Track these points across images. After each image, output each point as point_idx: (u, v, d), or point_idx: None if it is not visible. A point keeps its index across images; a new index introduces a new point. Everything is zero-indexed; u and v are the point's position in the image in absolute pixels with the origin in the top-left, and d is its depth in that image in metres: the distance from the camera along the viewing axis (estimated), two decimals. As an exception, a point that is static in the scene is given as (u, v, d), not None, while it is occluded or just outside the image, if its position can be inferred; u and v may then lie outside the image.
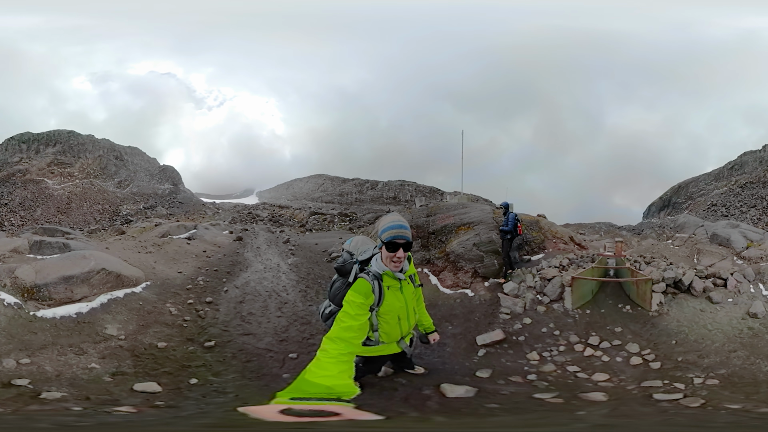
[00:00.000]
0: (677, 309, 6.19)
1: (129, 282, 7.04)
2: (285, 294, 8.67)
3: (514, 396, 4.01)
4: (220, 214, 44.81)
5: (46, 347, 4.82)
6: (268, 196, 69.19)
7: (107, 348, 5.11)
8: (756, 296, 6.24)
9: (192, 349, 5.44)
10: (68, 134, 56.75)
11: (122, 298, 6.58)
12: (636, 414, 3.42)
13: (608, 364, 5.10)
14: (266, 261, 12.79)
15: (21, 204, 45.94)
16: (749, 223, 31.03)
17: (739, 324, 5.66)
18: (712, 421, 3.17)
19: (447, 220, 11.28)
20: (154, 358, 4.98)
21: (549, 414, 3.43)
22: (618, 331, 5.93)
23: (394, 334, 3.23)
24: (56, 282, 6.17)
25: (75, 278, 6.34)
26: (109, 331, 5.50)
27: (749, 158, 45.68)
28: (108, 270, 6.73)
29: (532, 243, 10.22)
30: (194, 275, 9.44)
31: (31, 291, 5.94)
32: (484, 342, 5.80)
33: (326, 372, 2.39)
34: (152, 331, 5.81)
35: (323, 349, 2.55)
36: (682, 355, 5.11)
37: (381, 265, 3.05)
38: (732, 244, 11.74)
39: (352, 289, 2.93)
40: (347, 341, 2.61)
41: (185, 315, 6.70)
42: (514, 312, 6.70)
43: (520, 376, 4.70)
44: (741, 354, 4.95)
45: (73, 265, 6.67)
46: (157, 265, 9.43)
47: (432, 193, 54.76)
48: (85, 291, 6.30)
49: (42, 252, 9.23)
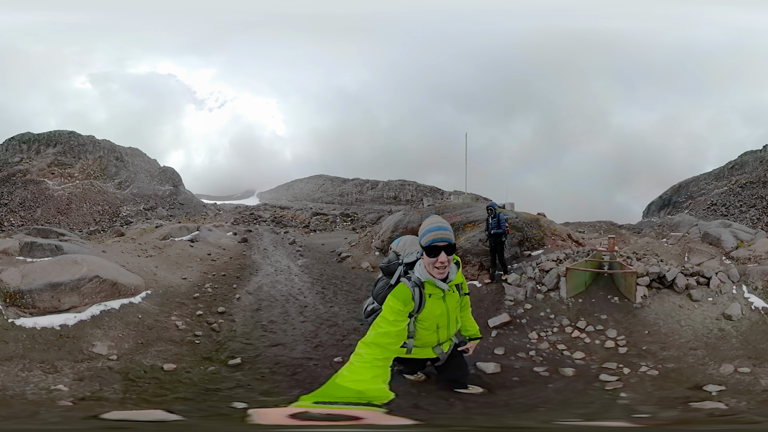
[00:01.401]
0: (658, 302, 6.49)
1: (126, 291, 6.20)
2: (303, 297, 8.23)
3: (523, 370, 4.76)
4: (221, 215, 44.20)
5: (12, 359, 4.19)
6: (268, 197, 68.77)
7: (90, 369, 4.26)
8: (736, 297, 6.29)
9: (213, 369, 4.56)
10: (69, 135, 56.24)
11: (117, 310, 5.73)
12: (564, 388, 4.15)
13: (588, 345, 5.68)
14: (276, 263, 12.28)
15: (21, 204, 45.36)
16: (749, 222, 30.85)
17: (711, 324, 5.78)
18: (587, 404, 3.65)
19: (454, 219, 12.14)
20: (159, 383, 4.10)
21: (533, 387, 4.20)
22: (603, 318, 6.37)
23: (429, 341, 3.11)
24: (42, 288, 5.46)
25: (63, 285, 5.58)
26: (97, 350, 4.65)
27: (750, 158, 45.60)
28: (102, 277, 5.91)
29: (532, 240, 10.80)
30: (201, 281, 8.71)
31: (14, 296, 5.29)
32: (495, 324, 6.60)
33: (359, 377, 2.34)
34: (154, 350, 4.95)
35: (357, 354, 2.50)
36: (648, 344, 5.44)
37: (424, 272, 2.87)
38: (722, 243, 12.00)
39: (392, 294, 2.81)
40: (383, 347, 2.54)
41: (195, 329, 5.87)
42: (517, 299, 7.47)
43: (524, 353, 5.48)
44: (699, 353, 5.07)
45: (63, 270, 5.91)
46: (158, 271, 8.64)
47: (433, 193, 54.26)
48: (75, 300, 5.53)
49: (32, 254, 8.58)
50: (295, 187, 68.66)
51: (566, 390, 4.14)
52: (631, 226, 30.89)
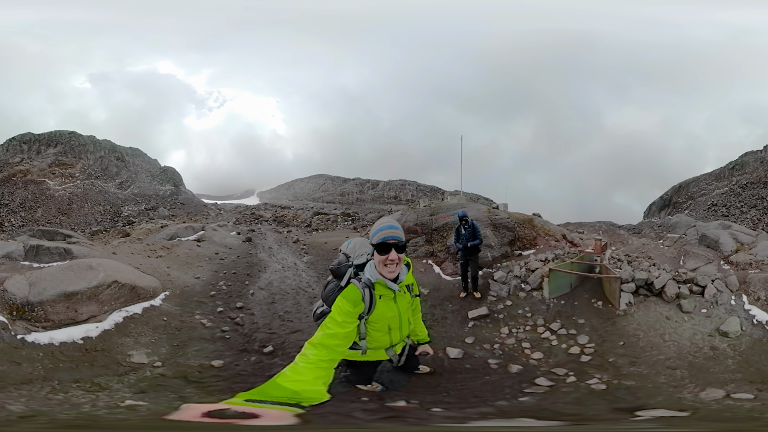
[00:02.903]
0: (643, 312, 5.97)
1: (145, 294, 6.13)
2: (311, 290, 8.58)
3: (479, 360, 5.02)
4: (222, 215, 44.07)
5: (32, 382, 3.68)
6: (269, 196, 68.57)
7: (141, 380, 3.98)
8: (734, 310, 5.55)
9: (255, 359, 4.77)
10: (69, 135, 56.03)
11: (141, 315, 5.64)
12: (491, 386, 4.15)
13: (552, 348, 5.53)
14: (282, 260, 12.48)
15: (22, 205, 45.18)
16: (749, 223, 30.75)
17: (701, 340, 5.11)
18: (491, 402, 3.59)
19: (447, 219, 12.31)
20: (221, 378, 4.03)
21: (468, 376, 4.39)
22: (580, 322, 6.16)
23: (382, 343, 3.07)
24: (55, 299, 5.08)
25: (80, 294, 5.28)
26: (135, 359, 4.46)
27: (750, 158, 45.62)
28: (121, 282, 5.78)
29: (523, 239, 10.84)
30: (214, 280, 8.82)
31: (21, 309, 4.85)
32: (473, 315, 6.96)
33: (300, 377, 2.30)
34: (193, 350, 4.92)
35: (303, 354, 2.45)
36: (617, 356, 5.02)
37: (374, 272, 2.84)
38: (720, 246, 11.33)
39: (341, 295, 2.76)
40: (330, 348, 2.49)
41: (221, 325, 6.00)
42: (500, 295, 7.57)
43: (489, 344, 5.77)
44: (678, 373, 4.44)
45: (77, 277, 5.60)
46: (171, 271, 8.66)
47: (433, 193, 54.17)
48: (93, 309, 5.27)
49: (39, 259, 8.31)
50: (295, 186, 68.53)
51: (493, 384, 4.20)
52: (632, 226, 30.87)
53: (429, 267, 10.21)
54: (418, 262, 10.64)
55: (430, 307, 7.65)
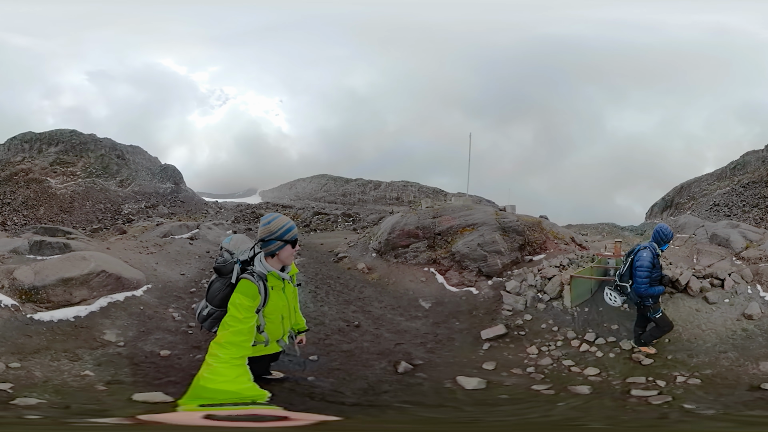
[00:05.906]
0: (673, 308, 6.20)
1: (130, 285, 6.83)
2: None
3: (516, 387, 4.34)
4: (222, 213, 44.64)
5: (40, 351, 4.66)
6: (271, 195, 69.00)
7: (104, 355, 4.86)
8: (753, 297, 6.17)
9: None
10: (70, 133, 56.65)
11: (122, 302, 6.36)
12: (597, 408, 3.69)
13: (600, 359, 5.26)
14: None
15: (24, 203, 45.83)
16: (752, 222, 30.89)
17: (733, 325, 5.64)
18: (641, 419, 3.36)
19: (452, 222, 11.52)
20: (156, 367, 4.70)
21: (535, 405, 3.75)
22: (614, 328, 5.99)
23: (276, 334, 3.20)
24: (55, 284, 6.00)
25: (74, 280, 6.15)
26: (107, 337, 5.28)
27: (752, 158, 45.57)
28: (108, 272, 6.53)
29: (533, 244, 10.36)
30: (197, 277, 9.24)
31: (29, 293, 5.77)
32: (488, 336, 6.11)
33: (222, 377, 2.35)
34: (153, 338, 5.56)
35: (213, 355, 2.48)
36: (673, 353, 5.19)
37: (266, 265, 2.98)
38: (731, 244, 11.72)
39: (237, 291, 2.80)
40: (238, 345, 2.56)
41: (190, 321, 6.44)
42: (516, 309, 6.96)
43: (521, 368, 5.00)
44: (731, 356, 4.96)
45: (72, 266, 6.48)
46: (158, 267, 9.23)
47: (435, 194, 54.43)
48: (84, 294, 6.11)
49: (42, 252, 9.12)
50: (297, 186, 68.90)
51: (590, 408, 3.63)
52: (634, 227, 30.56)
53: (431, 276, 9.54)
54: (419, 270, 10.00)
55: (432, 325, 6.85)
